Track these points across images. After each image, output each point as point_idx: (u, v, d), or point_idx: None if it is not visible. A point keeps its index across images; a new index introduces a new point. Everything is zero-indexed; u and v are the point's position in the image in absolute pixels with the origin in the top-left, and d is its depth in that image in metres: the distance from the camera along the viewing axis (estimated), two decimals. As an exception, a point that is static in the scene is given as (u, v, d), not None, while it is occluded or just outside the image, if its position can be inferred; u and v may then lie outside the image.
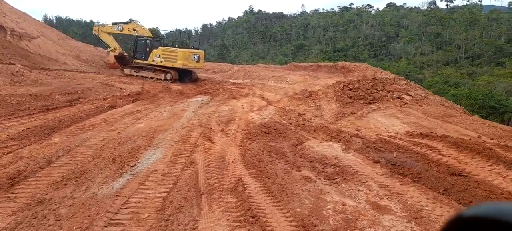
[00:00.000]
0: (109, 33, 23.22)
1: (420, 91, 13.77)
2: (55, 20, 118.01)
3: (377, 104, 11.48)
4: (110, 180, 5.76)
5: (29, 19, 32.86)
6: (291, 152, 6.94)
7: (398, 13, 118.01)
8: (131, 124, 9.68)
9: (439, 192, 4.82)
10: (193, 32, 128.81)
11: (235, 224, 4.19)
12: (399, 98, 12.09)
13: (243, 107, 12.36)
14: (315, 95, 13.33)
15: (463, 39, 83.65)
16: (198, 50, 21.11)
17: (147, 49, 21.11)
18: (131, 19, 22.83)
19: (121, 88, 16.30)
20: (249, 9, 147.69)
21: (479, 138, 7.45)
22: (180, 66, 19.85)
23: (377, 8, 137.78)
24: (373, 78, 13.86)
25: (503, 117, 38.87)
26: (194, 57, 20.32)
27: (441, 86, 48.39)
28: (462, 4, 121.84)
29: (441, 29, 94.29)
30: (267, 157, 6.61)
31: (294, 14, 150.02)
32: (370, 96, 12.36)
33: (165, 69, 20.15)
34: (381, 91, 12.68)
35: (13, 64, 16.26)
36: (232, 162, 6.51)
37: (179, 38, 32.27)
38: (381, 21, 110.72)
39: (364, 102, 11.95)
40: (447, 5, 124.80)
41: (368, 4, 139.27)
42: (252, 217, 4.27)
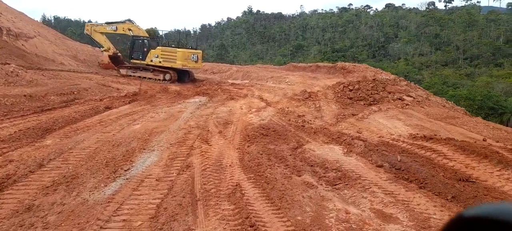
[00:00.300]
0: (102, 33, 22.79)
1: (420, 92, 13.57)
2: (53, 20, 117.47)
3: (378, 105, 11.26)
4: (102, 185, 5.53)
5: (26, 19, 32.60)
6: (291, 155, 6.71)
7: (396, 14, 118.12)
8: (126, 125, 9.47)
9: (447, 199, 4.58)
10: (192, 32, 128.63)
11: (233, 234, 3.97)
12: (400, 99, 11.87)
13: (242, 109, 12.15)
14: (314, 96, 13.12)
15: (461, 40, 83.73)
16: (196, 51, 21.02)
17: (145, 49, 20.90)
18: (129, 19, 22.42)
19: (118, 89, 16.08)
20: (248, 10, 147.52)
21: (484, 140, 7.23)
22: (179, 67, 19.70)
23: (376, 9, 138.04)
24: (373, 79, 13.64)
25: (502, 117, 38.75)
26: (193, 58, 20.20)
27: (440, 87, 48.36)
28: (460, 5, 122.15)
29: (439, 30, 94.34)
30: (266, 160, 6.38)
31: (293, 14, 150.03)
32: (370, 97, 12.15)
33: (163, 70, 19.95)
34: (381, 93, 12.47)
35: (8, 64, 15.99)
36: (229, 165, 6.29)
37: (178, 38, 31.96)
38: (379, 22, 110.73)
39: (364, 104, 11.74)
40: (445, 6, 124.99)
41: (367, 5, 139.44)
42: (250, 226, 4.04)
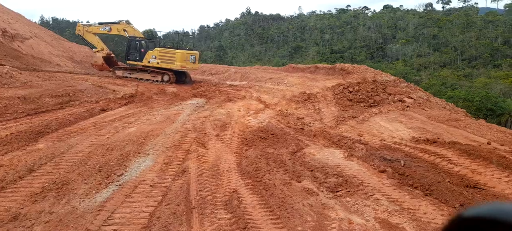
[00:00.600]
0: (94, 34, 22.40)
1: (421, 94, 13.38)
2: (51, 22, 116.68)
3: (378, 107, 11.06)
4: (93, 192, 5.31)
5: (23, 20, 32.31)
6: (290, 159, 6.50)
7: (394, 15, 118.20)
8: (122, 128, 9.25)
9: (455, 208, 4.36)
10: (190, 34, 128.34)
11: (229, 245, 3.75)
12: (400, 101, 11.67)
13: (240, 111, 11.94)
14: (314, 98, 12.91)
15: (459, 41, 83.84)
16: (193, 51, 20.89)
17: (142, 51, 20.66)
18: (127, 20, 22.08)
19: (114, 91, 15.84)
20: (246, 11, 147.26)
21: (489, 144, 7.03)
22: (178, 68, 19.51)
23: (374, 10, 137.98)
24: (373, 81, 13.44)
25: (501, 118, 38.61)
26: (191, 59, 20.06)
27: (438, 88, 48.33)
28: (458, 6, 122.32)
29: (437, 31, 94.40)
30: (264, 165, 6.17)
31: (291, 15, 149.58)
32: (370, 99, 11.95)
33: (161, 71, 19.73)
34: (382, 94, 12.27)
35: (2, 65, 15.72)
36: (227, 170, 6.07)
37: (177, 39, 31.77)
38: (378, 23, 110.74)
39: (364, 106, 11.54)
40: (443, 8, 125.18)
41: (365, 6, 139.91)
42: (248, 236, 3.83)
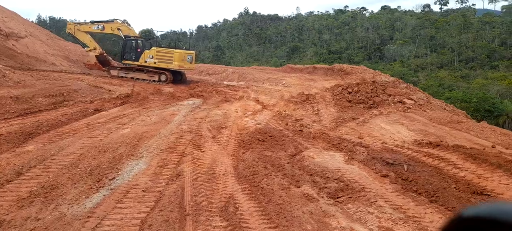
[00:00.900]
0: (86, 32, 22.00)
1: (421, 95, 13.20)
2: (48, 21, 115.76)
3: (378, 109, 10.86)
4: (83, 197, 5.07)
5: (18, 19, 31.87)
6: (288, 163, 6.27)
7: (392, 16, 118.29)
8: (115, 129, 9.00)
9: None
10: (188, 33, 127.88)
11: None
12: (401, 102, 11.47)
13: (237, 112, 11.71)
14: (312, 99, 12.70)
15: (456, 43, 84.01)
16: (190, 51, 20.73)
17: (138, 50, 20.39)
18: (125, 20, 21.77)
19: (109, 90, 15.57)
20: (244, 11, 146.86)
21: (493, 147, 6.85)
22: (176, 68, 19.30)
23: (372, 11, 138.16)
24: (373, 82, 13.25)
25: (498, 120, 38.57)
26: (188, 58, 19.89)
27: (436, 89, 48.31)
28: (455, 7, 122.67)
29: (435, 32, 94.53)
30: (262, 169, 5.94)
31: (289, 16, 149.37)
32: (370, 100, 11.76)
33: (158, 71, 19.49)
34: (381, 95, 12.08)
35: (-5, 64, 15.41)
36: (223, 174, 5.84)
37: (174, 39, 31.50)
38: (375, 24, 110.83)
39: (364, 107, 11.34)
40: (440, 9, 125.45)
41: (362, 7, 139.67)
42: (244, 247, 3.61)
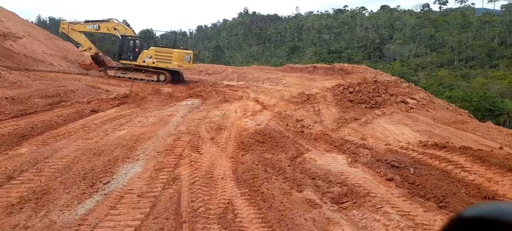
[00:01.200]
0: (81, 32, 21.70)
1: (423, 95, 12.98)
2: (48, 21, 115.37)
3: (381, 109, 10.64)
4: (75, 202, 4.85)
5: (17, 19, 31.60)
6: (289, 165, 6.05)
7: (392, 16, 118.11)
8: (111, 130, 8.78)
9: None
10: (188, 33, 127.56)
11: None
12: (403, 102, 11.25)
13: (236, 112, 11.49)
14: (313, 99, 12.48)
15: (456, 42, 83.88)
16: (188, 51, 20.55)
17: (136, 50, 20.16)
18: (124, 20, 21.53)
19: (107, 91, 15.35)
20: (244, 11, 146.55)
21: (501, 149, 6.63)
22: (175, 68, 19.11)
23: (371, 11, 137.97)
24: (374, 81, 13.02)
25: (499, 119, 38.39)
26: (187, 58, 19.71)
27: (436, 88, 48.12)
28: (455, 7, 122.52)
29: (434, 32, 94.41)
30: (262, 172, 5.72)
31: (288, 16, 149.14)
32: (372, 100, 11.54)
33: (157, 71, 19.28)
34: (383, 95, 11.86)
35: (-10, 65, 15.20)
36: (221, 178, 5.63)
37: (174, 39, 31.28)
38: (375, 24, 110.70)
39: (366, 107, 11.12)
40: (440, 8, 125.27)
41: (362, 7, 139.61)
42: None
